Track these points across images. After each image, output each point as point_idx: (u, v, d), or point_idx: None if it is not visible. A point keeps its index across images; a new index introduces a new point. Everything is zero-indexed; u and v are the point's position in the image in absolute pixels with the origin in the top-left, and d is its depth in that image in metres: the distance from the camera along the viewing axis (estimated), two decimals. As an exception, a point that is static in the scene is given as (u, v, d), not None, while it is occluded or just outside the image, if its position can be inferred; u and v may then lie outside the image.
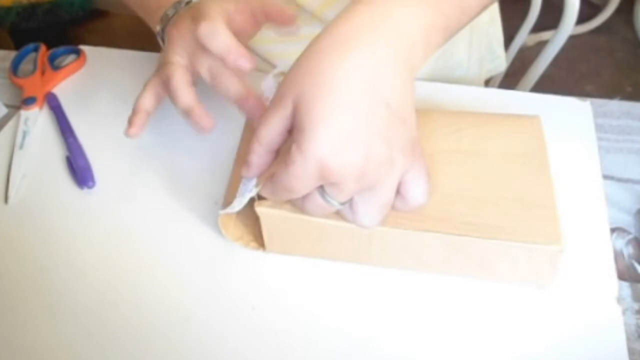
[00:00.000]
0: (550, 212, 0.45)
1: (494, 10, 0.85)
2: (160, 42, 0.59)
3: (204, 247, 0.52)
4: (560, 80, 1.81)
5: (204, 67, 0.53)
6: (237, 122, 0.58)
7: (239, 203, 0.46)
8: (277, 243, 0.50)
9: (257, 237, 0.51)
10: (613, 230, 0.52)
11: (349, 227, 0.45)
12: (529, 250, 0.44)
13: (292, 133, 0.42)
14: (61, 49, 0.74)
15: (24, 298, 0.50)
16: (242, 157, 0.50)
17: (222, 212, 0.48)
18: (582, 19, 1.94)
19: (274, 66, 0.72)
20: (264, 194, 0.45)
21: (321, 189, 0.42)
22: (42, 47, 0.73)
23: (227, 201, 0.49)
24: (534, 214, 0.45)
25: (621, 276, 0.49)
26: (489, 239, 0.44)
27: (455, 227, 0.45)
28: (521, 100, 0.64)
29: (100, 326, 0.48)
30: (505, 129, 0.51)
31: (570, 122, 0.60)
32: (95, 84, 0.69)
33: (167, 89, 0.54)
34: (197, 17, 0.53)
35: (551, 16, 0.96)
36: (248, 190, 0.45)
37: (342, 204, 0.43)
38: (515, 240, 0.44)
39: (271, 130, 0.43)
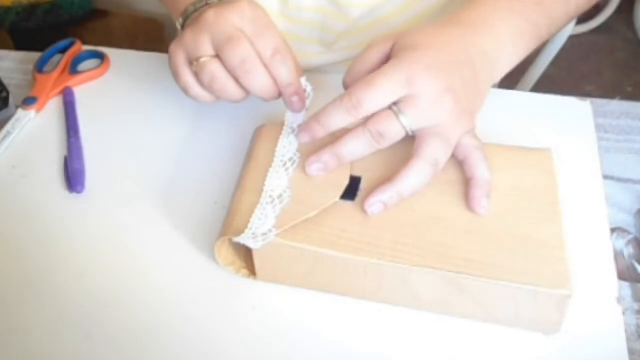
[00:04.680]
0: (558, 253, 0.43)
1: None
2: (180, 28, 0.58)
3: (204, 247, 0.52)
4: (560, 80, 1.81)
5: (234, 60, 0.50)
6: (237, 122, 0.58)
7: (254, 242, 0.45)
8: (268, 272, 0.48)
9: (249, 265, 0.49)
10: (613, 230, 0.52)
11: (343, 257, 0.44)
12: (533, 293, 0.42)
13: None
14: (87, 52, 0.73)
15: (22, 299, 0.50)
16: (245, 187, 0.49)
17: (235, 239, 0.46)
18: (582, 19, 1.94)
19: None
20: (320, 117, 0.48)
21: (396, 107, 0.46)
22: (76, 44, 0.72)
23: (228, 225, 0.47)
24: (541, 253, 0.43)
25: (621, 276, 0.49)
26: (490, 278, 0.42)
27: (455, 264, 0.43)
28: (521, 100, 0.64)
29: (99, 327, 0.47)
30: (513, 162, 0.49)
31: (570, 122, 0.60)
32: (115, 89, 0.69)
33: (212, 92, 0.52)
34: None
35: (551, 16, 0.95)
36: (268, 231, 0.45)
37: (411, 130, 0.46)
38: (518, 281, 0.42)
39: (367, 60, 0.49)
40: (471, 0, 0.53)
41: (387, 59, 0.48)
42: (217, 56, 0.51)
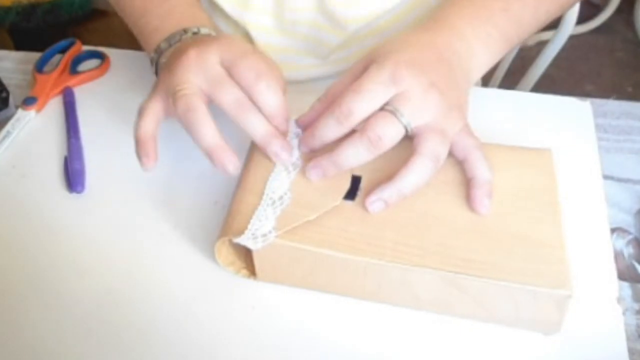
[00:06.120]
0: (558, 253, 0.43)
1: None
2: (154, 70, 0.58)
3: (204, 247, 0.52)
4: (560, 80, 1.81)
5: (228, 98, 0.49)
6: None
7: (254, 243, 0.45)
8: (268, 272, 0.48)
9: (249, 265, 0.49)
10: (613, 230, 0.52)
11: (343, 257, 0.44)
12: (533, 294, 0.42)
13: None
14: (87, 52, 0.73)
15: (22, 299, 0.50)
16: (245, 188, 0.49)
17: (235, 240, 0.46)
18: (582, 19, 1.94)
19: None
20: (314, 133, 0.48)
21: (391, 106, 0.46)
22: (76, 44, 0.72)
23: (228, 226, 0.47)
24: (541, 253, 0.43)
25: (621, 276, 0.49)
26: (490, 278, 0.42)
27: (455, 264, 0.43)
28: (521, 100, 0.64)
29: (98, 328, 0.48)
30: (513, 162, 0.49)
31: (570, 122, 0.60)
32: (115, 89, 0.69)
33: (185, 122, 0.49)
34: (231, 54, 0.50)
35: (551, 16, 0.96)
36: (268, 232, 0.45)
37: (410, 128, 0.46)
38: (519, 281, 0.42)
39: (349, 75, 0.49)
40: (437, 9, 0.54)
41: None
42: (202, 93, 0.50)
